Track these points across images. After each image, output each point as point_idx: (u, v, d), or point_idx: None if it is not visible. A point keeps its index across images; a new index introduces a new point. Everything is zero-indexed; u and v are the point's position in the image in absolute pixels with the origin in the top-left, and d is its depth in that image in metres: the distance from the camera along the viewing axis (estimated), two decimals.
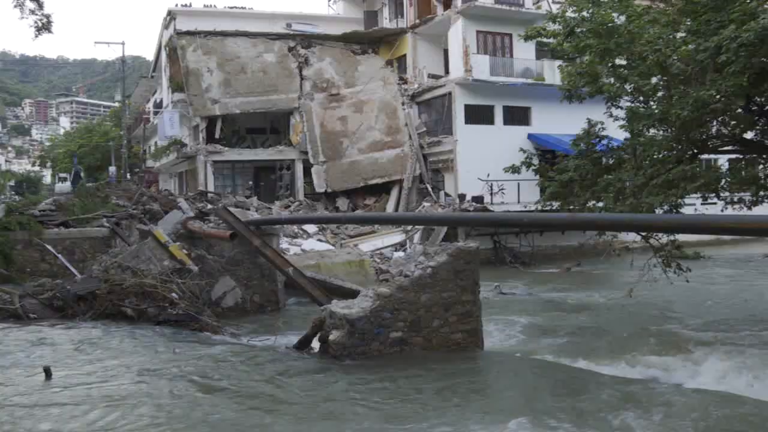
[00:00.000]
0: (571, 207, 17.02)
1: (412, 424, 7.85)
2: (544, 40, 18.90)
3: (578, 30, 16.22)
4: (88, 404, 8.45)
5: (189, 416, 8.12)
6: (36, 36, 20.45)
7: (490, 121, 34.14)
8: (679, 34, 15.21)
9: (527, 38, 18.45)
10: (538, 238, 31.39)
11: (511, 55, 34.49)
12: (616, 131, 17.63)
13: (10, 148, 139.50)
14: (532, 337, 14.50)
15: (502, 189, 31.25)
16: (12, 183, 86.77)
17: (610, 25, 15.57)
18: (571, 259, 28.88)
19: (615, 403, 8.54)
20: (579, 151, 17.63)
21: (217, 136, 35.41)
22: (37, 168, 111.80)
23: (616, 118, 16.90)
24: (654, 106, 15.95)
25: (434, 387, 9.34)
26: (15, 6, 22.00)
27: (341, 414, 8.25)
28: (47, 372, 9.68)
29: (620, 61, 16.42)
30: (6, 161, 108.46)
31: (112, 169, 55.18)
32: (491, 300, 18.51)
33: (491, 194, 31.52)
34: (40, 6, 22.73)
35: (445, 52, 35.64)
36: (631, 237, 17.51)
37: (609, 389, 9.27)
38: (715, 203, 17.18)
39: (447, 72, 35.23)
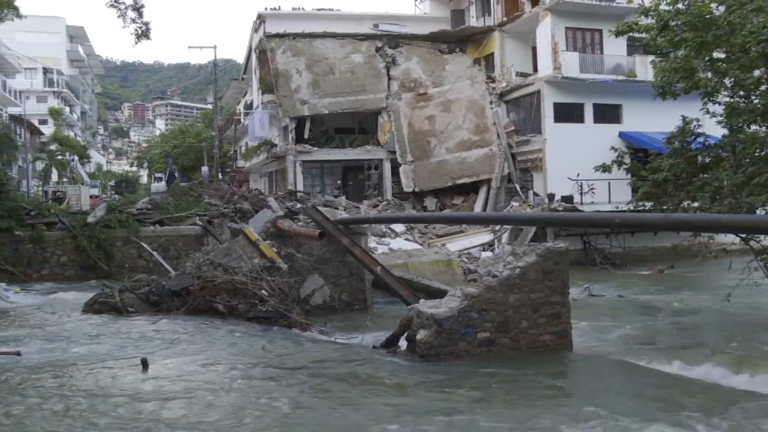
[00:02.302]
0: (665, 207, 16.50)
1: (502, 424, 7.76)
2: (636, 35, 18.39)
3: (673, 23, 15.69)
4: (182, 395, 8.72)
5: (276, 410, 8.26)
6: (136, 43, 21.51)
7: (580, 119, 33.54)
8: None
9: (618, 34, 17.97)
10: (629, 239, 30.59)
11: (602, 52, 33.75)
12: (712, 128, 16.98)
13: (110, 150, 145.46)
14: (622, 340, 14.12)
15: (593, 188, 30.59)
16: (112, 183, 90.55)
17: (708, 16, 14.98)
18: (664, 261, 28.02)
19: (707, 411, 8.21)
20: (673, 150, 17.06)
21: (306, 136, 36.01)
22: (134, 168, 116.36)
23: (713, 115, 16.27)
24: (756, 101, 15.27)
25: (523, 388, 9.22)
26: (118, 16, 23.47)
27: (428, 413, 8.23)
28: (144, 363, 10.02)
29: (718, 55, 15.78)
30: (107, 162, 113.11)
31: (205, 169, 56.78)
32: (580, 301, 18.10)
33: (581, 194, 30.90)
34: (140, 15, 24.00)
35: (533, 49, 35.18)
36: (729, 239, 16.84)
37: (701, 396, 8.95)
38: None
39: (535, 70, 34.76)
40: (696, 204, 15.64)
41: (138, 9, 24.58)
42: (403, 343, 11.30)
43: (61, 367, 10.19)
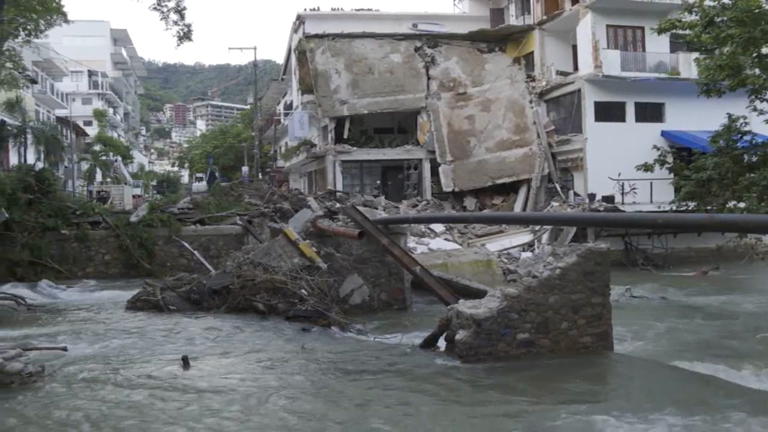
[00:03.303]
0: (709, 207, 16.24)
1: (541, 426, 7.70)
2: (680, 32, 18.11)
3: (718, 19, 15.43)
4: (222, 393, 8.82)
5: (316, 408, 8.31)
6: (178, 44, 22.02)
7: (621, 118, 33.13)
8: None
9: (661, 31, 17.75)
10: (671, 240, 30.09)
11: (644, 49, 33.28)
12: (760, 126, 16.64)
13: (152, 150, 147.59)
14: (664, 343, 13.89)
15: (634, 188, 30.18)
16: (154, 183, 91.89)
17: (756, 11, 14.68)
18: (708, 262, 27.48)
19: (752, 415, 8.03)
20: (718, 148, 16.80)
21: (345, 136, 36.15)
22: (176, 168, 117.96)
23: (761, 112, 15.95)
24: None
25: (562, 389, 9.13)
26: (161, 19, 24.08)
27: (467, 412, 8.20)
28: (185, 361, 10.17)
29: (767, 50, 15.47)
30: (149, 162, 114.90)
31: (245, 169, 57.31)
32: (622, 303, 17.85)
33: (622, 194, 30.50)
34: (182, 17, 24.61)
35: (574, 48, 34.83)
36: None
37: (744, 399, 8.75)
38: None
39: (576, 68, 34.42)
40: (742, 204, 15.36)
41: (180, 11, 25.15)
42: (442, 344, 11.28)
43: (105, 362, 10.38)
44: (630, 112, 33.24)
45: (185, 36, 25.38)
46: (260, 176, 53.51)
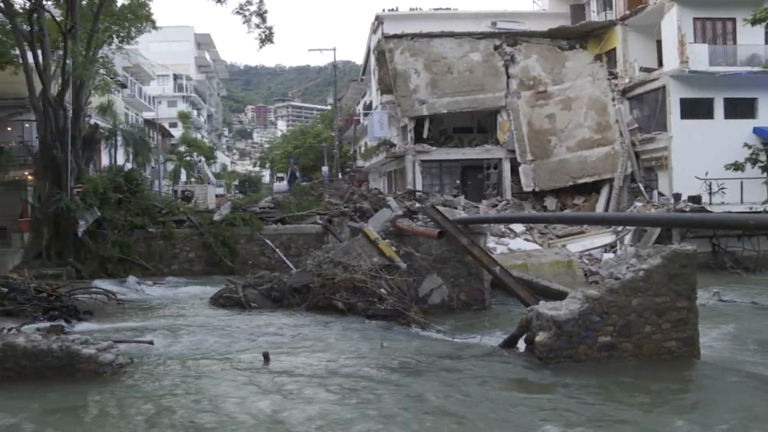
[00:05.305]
0: None
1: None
2: None
3: None
4: (301, 388, 8.99)
5: (393, 407, 8.37)
6: (260, 47, 22.58)
7: (709, 115, 32.00)
8: None
9: (755, 22, 17.11)
10: (764, 242, 28.90)
11: (734, 42, 32.03)
12: None
13: (234, 151, 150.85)
14: (756, 351, 13.35)
15: (723, 188, 29.11)
16: (236, 182, 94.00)
17: None
18: None
19: None
20: None
21: (424, 135, 36.21)
22: (257, 168, 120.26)
23: None
24: None
25: (646, 396, 8.92)
26: (243, 22, 24.79)
27: (547, 416, 8.11)
28: (266, 357, 10.44)
29: None
30: (231, 162, 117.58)
31: (325, 168, 57.91)
32: (709, 307, 17.27)
33: (710, 194, 29.45)
34: (264, 20, 25.24)
35: (658, 43, 33.84)
36: None
37: None
38: None
39: (660, 64, 33.44)
40: None
41: (261, 15, 25.80)
42: (521, 345, 11.19)
43: (188, 356, 10.74)
44: (719, 108, 32.10)
45: (267, 38, 26.02)
46: (340, 176, 54.04)
